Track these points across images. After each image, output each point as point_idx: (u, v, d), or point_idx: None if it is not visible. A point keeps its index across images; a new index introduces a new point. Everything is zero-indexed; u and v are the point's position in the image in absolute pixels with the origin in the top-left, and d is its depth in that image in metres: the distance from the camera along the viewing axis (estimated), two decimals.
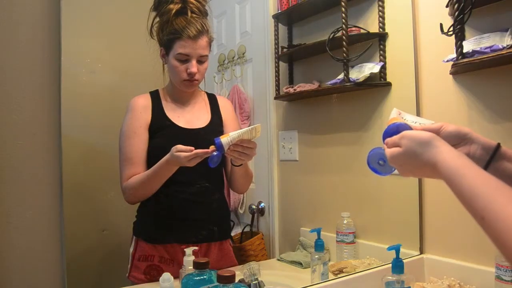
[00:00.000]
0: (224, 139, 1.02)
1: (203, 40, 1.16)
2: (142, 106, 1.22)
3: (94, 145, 1.37)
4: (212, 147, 1.03)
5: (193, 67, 1.15)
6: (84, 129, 1.35)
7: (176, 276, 0.97)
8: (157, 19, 1.20)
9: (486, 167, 0.67)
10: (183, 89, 1.22)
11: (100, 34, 1.43)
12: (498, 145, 0.68)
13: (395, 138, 0.68)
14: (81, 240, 1.27)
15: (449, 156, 0.58)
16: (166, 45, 1.18)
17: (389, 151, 0.69)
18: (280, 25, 1.61)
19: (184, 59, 1.16)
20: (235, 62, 1.97)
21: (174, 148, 1.05)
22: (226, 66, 2.04)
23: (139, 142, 1.18)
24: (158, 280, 0.91)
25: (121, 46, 1.45)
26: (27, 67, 0.94)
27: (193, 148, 1.04)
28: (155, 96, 1.25)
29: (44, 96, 0.96)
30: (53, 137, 0.97)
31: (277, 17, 1.60)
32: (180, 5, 1.16)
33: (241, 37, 1.97)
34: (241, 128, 1.06)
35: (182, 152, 1.03)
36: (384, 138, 0.72)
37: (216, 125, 1.27)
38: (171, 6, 1.16)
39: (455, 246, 1.22)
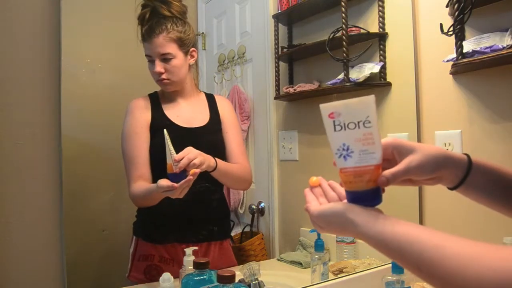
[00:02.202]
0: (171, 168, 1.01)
1: (159, 39, 1.17)
2: (142, 107, 1.23)
3: (94, 145, 1.37)
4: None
5: (156, 66, 1.17)
6: (84, 129, 1.35)
7: (176, 276, 0.97)
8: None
9: (460, 183, 0.63)
10: (163, 89, 1.24)
11: (100, 34, 1.42)
12: (469, 159, 0.63)
13: (313, 219, 0.63)
14: (81, 240, 1.27)
15: (365, 228, 0.56)
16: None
17: (316, 228, 0.65)
18: (280, 25, 1.61)
19: (150, 60, 1.19)
20: (235, 62, 1.97)
21: (160, 188, 1.00)
22: (226, 66, 2.04)
23: (141, 142, 1.18)
24: (158, 280, 0.91)
25: (121, 46, 1.45)
26: (27, 67, 0.94)
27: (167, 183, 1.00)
28: (153, 98, 1.26)
29: (44, 96, 0.96)
30: (53, 137, 0.97)
31: (277, 17, 1.60)
32: (146, 9, 1.20)
33: (241, 37, 1.97)
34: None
35: (166, 191, 1.00)
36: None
37: (215, 124, 1.27)
38: (140, 12, 1.20)
39: None
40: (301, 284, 1.11)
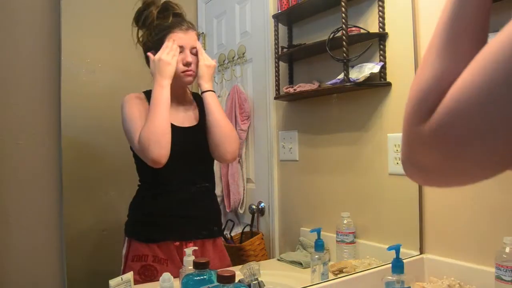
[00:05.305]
0: None
1: (193, 33, 1.23)
2: (138, 98, 1.24)
3: (94, 145, 1.37)
4: None
5: (188, 56, 1.20)
6: (84, 129, 1.35)
7: (175, 276, 0.97)
8: (143, 30, 1.23)
9: None
10: (183, 81, 1.23)
11: (100, 34, 1.42)
12: None
13: None
14: (81, 240, 1.27)
15: None
16: (157, 44, 1.19)
17: None
18: (280, 25, 1.61)
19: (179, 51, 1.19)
20: (235, 62, 1.96)
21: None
22: (226, 66, 2.04)
23: (143, 121, 1.15)
24: (153, 280, 0.91)
25: (121, 46, 1.45)
26: (27, 67, 0.95)
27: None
28: (148, 95, 1.26)
29: (44, 96, 0.96)
30: (53, 137, 0.97)
31: (277, 17, 1.60)
32: (160, 6, 1.21)
33: (241, 37, 1.97)
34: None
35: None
36: None
37: (205, 124, 1.26)
38: (151, 8, 1.20)
39: (455, 246, 1.22)
40: (301, 284, 1.11)
